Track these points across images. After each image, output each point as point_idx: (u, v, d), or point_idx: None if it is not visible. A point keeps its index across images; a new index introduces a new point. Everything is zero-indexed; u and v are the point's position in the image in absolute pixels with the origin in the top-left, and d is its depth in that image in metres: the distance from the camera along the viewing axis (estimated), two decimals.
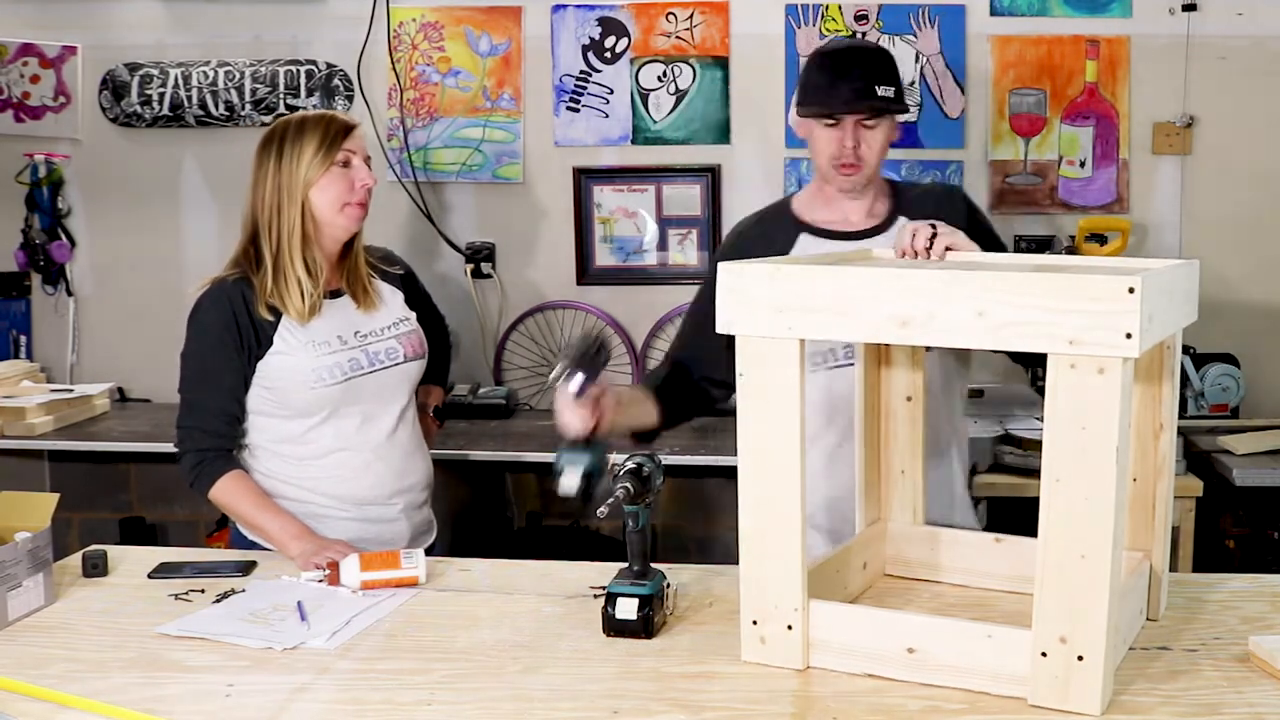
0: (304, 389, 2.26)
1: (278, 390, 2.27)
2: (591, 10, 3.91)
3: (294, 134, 2.29)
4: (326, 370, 2.27)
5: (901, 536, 2.02)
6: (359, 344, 2.32)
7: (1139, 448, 1.79)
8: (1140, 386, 1.77)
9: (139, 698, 1.59)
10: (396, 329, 2.39)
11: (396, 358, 2.36)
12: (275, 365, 2.26)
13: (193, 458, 2.28)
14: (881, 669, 1.62)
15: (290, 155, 2.27)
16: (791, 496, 1.62)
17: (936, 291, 1.50)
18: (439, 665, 1.70)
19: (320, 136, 2.28)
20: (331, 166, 2.27)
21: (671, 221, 3.96)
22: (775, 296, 1.59)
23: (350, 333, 2.32)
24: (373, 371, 2.32)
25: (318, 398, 2.27)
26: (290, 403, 2.28)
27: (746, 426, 1.64)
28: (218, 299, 2.28)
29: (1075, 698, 1.49)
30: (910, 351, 1.97)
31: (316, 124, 2.30)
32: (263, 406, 2.30)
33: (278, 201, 2.27)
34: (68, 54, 4.10)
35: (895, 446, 2.01)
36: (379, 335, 2.36)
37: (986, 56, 3.81)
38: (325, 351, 2.28)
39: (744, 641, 1.69)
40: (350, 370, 2.29)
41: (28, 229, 4.13)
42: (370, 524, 2.33)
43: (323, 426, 2.30)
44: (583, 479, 1.82)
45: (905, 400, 1.99)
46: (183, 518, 4.18)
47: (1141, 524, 1.81)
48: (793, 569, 1.64)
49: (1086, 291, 1.41)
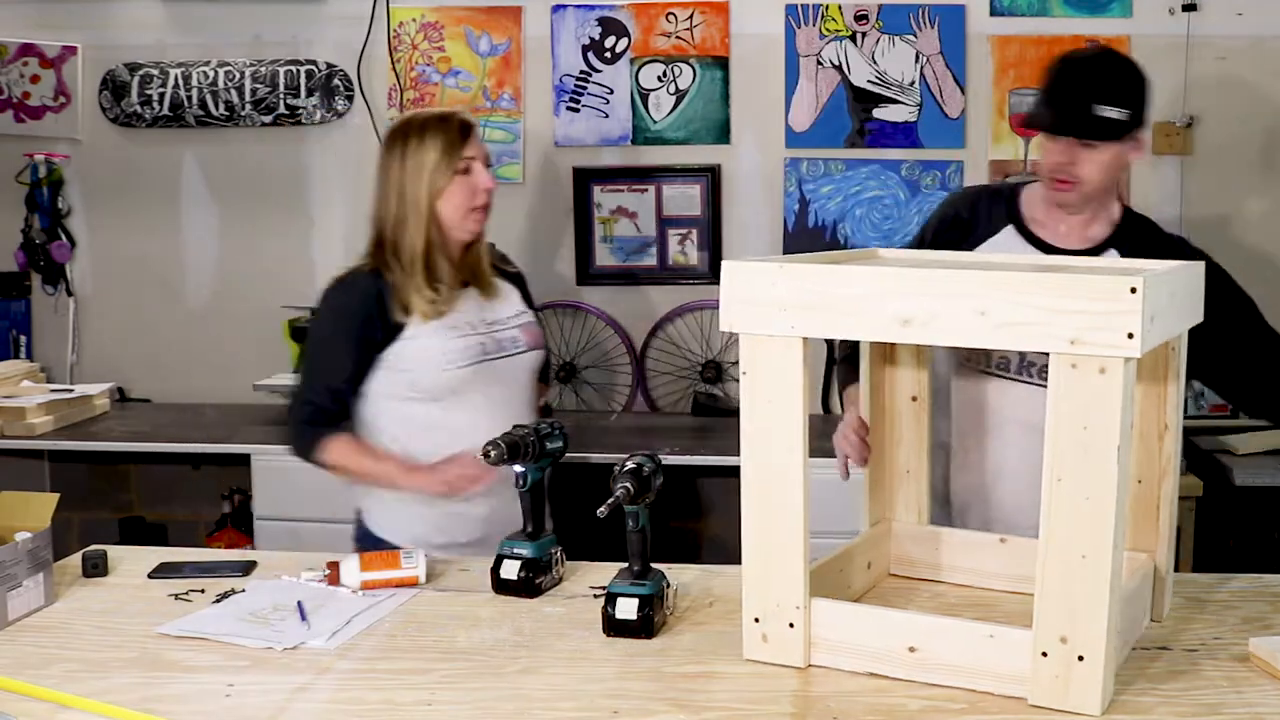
0: (436, 370, 2.30)
1: (410, 373, 2.31)
2: (591, 10, 3.91)
3: (415, 142, 2.32)
4: (458, 353, 2.31)
5: (906, 536, 2.02)
6: (486, 330, 2.38)
7: (1143, 449, 1.79)
8: (1145, 387, 1.76)
9: (139, 698, 1.59)
10: (518, 320, 2.46)
11: (520, 346, 2.42)
12: (408, 349, 2.30)
13: (297, 429, 2.34)
14: (883, 668, 1.62)
15: (413, 167, 2.31)
16: (794, 495, 1.63)
17: (938, 291, 1.50)
18: (439, 665, 1.70)
19: (441, 146, 2.31)
20: (454, 177, 2.31)
21: (671, 221, 3.96)
22: (778, 295, 1.59)
23: (478, 319, 2.38)
24: (500, 357, 2.38)
25: (449, 379, 2.31)
26: (421, 384, 2.31)
27: (749, 425, 1.64)
28: (349, 289, 2.34)
29: (1075, 698, 1.48)
30: (916, 351, 1.97)
31: (437, 130, 2.32)
32: (393, 390, 2.33)
33: (403, 213, 2.32)
34: (68, 54, 4.10)
35: (901, 447, 2.01)
36: (503, 324, 2.42)
37: (986, 56, 3.81)
38: (456, 335, 2.32)
39: (746, 639, 1.69)
40: (480, 354, 2.34)
41: (28, 229, 4.13)
42: (498, 509, 2.32)
43: (452, 412, 2.32)
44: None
45: (910, 400, 1.99)
46: (183, 518, 4.18)
47: (1146, 525, 1.80)
48: (794, 567, 1.64)
49: (1088, 291, 1.41)
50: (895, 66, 3.82)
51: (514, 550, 1.99)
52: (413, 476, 2.28)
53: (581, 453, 3.25)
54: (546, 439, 2.04)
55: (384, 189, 2.34)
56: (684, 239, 3.96)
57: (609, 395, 4.04)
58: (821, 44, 3.83)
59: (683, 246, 3.97)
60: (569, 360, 4.01)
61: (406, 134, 2.33)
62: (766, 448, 1.63)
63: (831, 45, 3.83)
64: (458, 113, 2.38)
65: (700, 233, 3.95)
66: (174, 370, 4.18)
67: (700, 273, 3.96)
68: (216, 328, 4.17)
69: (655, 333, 3.98)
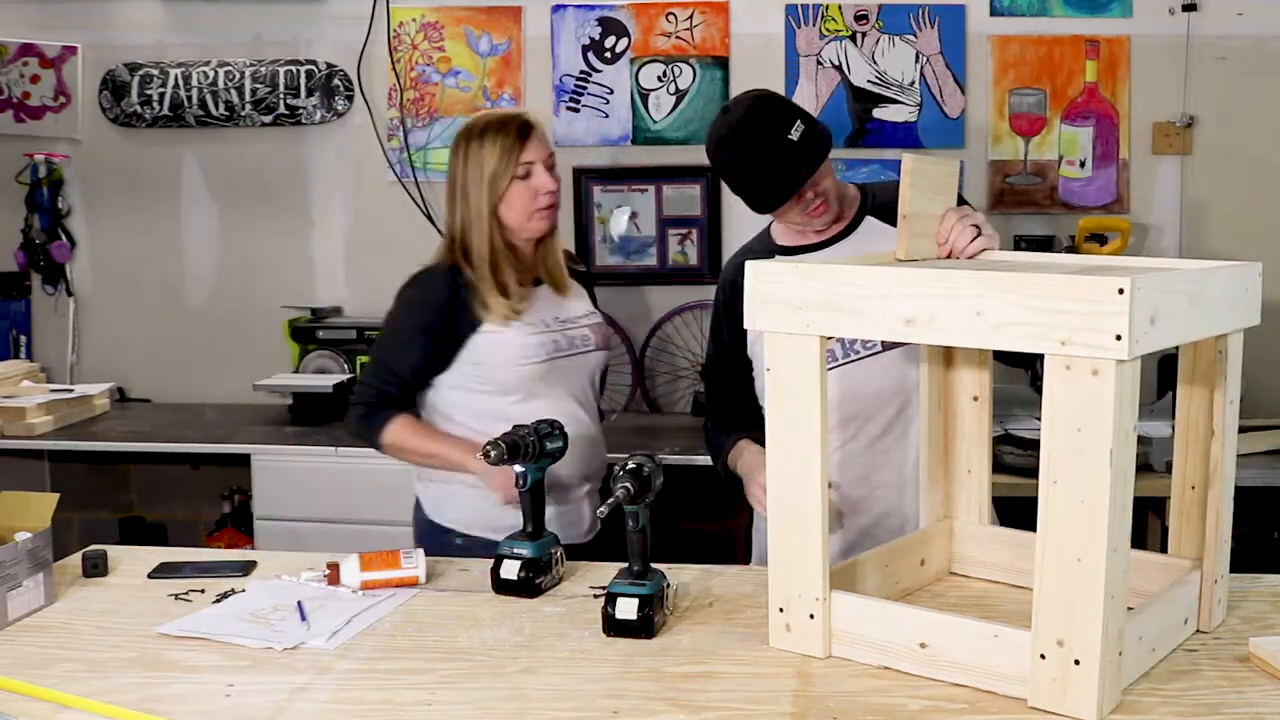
0: (511, 365, 2.34)
1: (486, 366, 2.35)
2: (591, 10, 3.91)
3: (476, 146, 2.36)
4: (533, 349, 2.35)
5: (967, 535, 2.02)
6: (559, 328, 2.42)
7: (1193, 453, 1.77)
8: (1193, 390, 1.75)
9: (139, 698, 1.59)
10: (588, 319, 2.50)
11: (589, 345, 2.47)
12: (485, 342, 2.35)
13: (360, 409, 2.39)
14: (895, 662, 1.63)
15: (474, 172, 2.35)
16: (813, 489, 1.65)
17: (939, 291, 1.51)
18: (439, 665, 1.70)
19: (500, 151, 2.34)
20: (514, 181, 2.34)
21: (671, 221, 3.96)
22: (795, 294, 1.62)
23: (551, 317, 2.42)
24: (571, 355, 2.42)
25: (523, 374, 2.35)
26: (496, 378, 2.35)
27: (774, 420, 1.67)
28: (431, 283, 2.38)
29: (1072, 701, 1.48)
30: (978, 351, 1.97)
31: (496, 135, 2.35)
32: (468, 382, 2.38)
33: (468, 218, 2.37)
34: (68, 54, 4.10)
35: (962, 445, 2.01)
36: (575, 323, 2.46)
37: (986, 56, 3.81)
38: (531, 331, 2.36)
39: (771, 628, 1.72)
40: (554, 350, 2.38)
41: (28, 229, 4.13)
42: (560, 506, 2.39)
43: (520, 405, 2.34)
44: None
45: (972, 400, 1.99)
46: (183, 517, 4.18)
47: (1192, 531, 1.78)
48: (814, 560, 1.66)
49: (1076, 292, 1.41)
50: (895, 66, 3.82)
51: (514, 550, 1.99)
52: (471, 461, 2.26)
53: None
54: (546, 439, 2.04)
55: (450, 193, 2.40)
56: (684, 239, 3.96)
57: (609, 395, 4.03)
58: (821, 44, 3.83)
59: (683, 246, 3.97)
60: None
61: (469, 138, 2.38)
62: (789, 442, 1.66)
63: (831, 45, 3.83)
64: (519, 115, 2.41)
65: (700, 233, 3.95)
66: (174, 370, 4.18)
67: (700, 273, 3.96)
68: (216, 328, 4.17)
69: (655, 333, 3.98)
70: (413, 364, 2.38)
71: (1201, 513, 1.77)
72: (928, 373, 1.98)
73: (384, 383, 2.39)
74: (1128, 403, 1.44)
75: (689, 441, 3.44)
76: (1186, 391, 1.76)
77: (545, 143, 2.41)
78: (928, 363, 1.99)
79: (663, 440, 3.50)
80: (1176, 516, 1.79)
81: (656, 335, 3.98)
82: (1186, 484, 1.78)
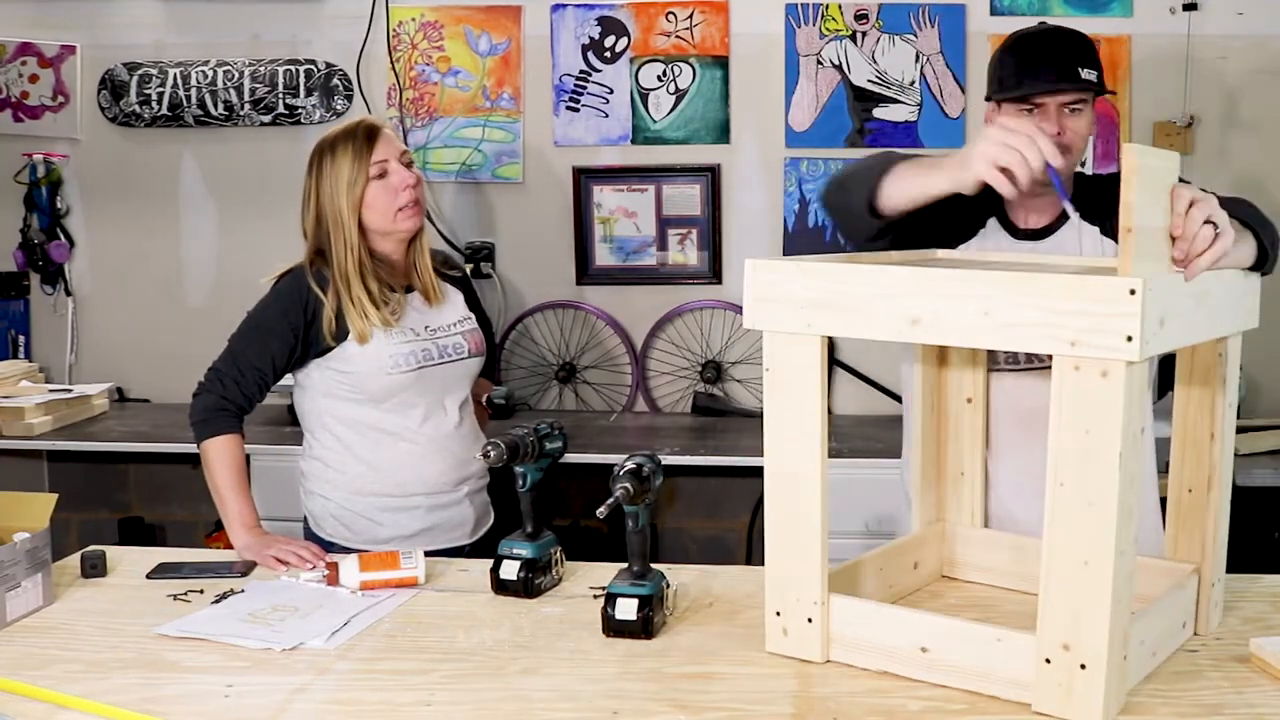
0: (380, 374, 2.34)
1: (354, 375, 2.35)
2: (591, 10, 3.91)
3: (329, 160, 2.36)
4: (403, 357, 2.35)
5: (960, 538, 2.02)
6: (429, 337, 2.41)
7: (1191, 456, 1.76)
8: (1193, 392, 1.74)
9: (138, 698, 1.58)
10: (461, 326, 2.49)
11: (462, 352, 2.46)
12: (354, 351, 2.33)
13: (207, 400, 2.36)
14: (896, 666, 1.62)
15: (330, 184, 2.35)
16: (812, 492, 1.63)
17: (944, 291, 1.49)
18: (439, 665, 1.70)
19: (350, 157, 2.34)
20: (369, 183, 2.34)
21: (671, 221, 3.96)
22: (797, 293, 1.60)
23: (421, 326, 2.41)
24: (442, 363, 2.41)
25: (392, 383, 2.35)
26: (365, 387, 2.35)
27: (772, 421, 1.66)
28: (300, 284, 2.36)
29: (1077, 707, 1.47)
30: (972, 353, 1.95)
31: (345, 143, 2.36)
32: (338, 390, 2.37)
33: (332, 234, 2.36)
34: (66, 53, 4.10)
35: (956, 447, 2.00)
36: (446, 330, 2.45)
37: (987, 56, 3.79)
38: (401, 340, 2.36)
39: (768, 632, 1.70)
40: (423, 359, 2.38)
41: (26, 229, 4.12)
42: (439, 510, 2.42)
43: (394, 415, 2.37)
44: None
45: (966, 402, 1.98)
46: (182, 518, 4.18)
47: (1191, 535, 1.77)
48: (813, 563, 1.65)
49: (1087, 293, 1.39)
50: (895, 66, 3.81)
51: (513, 550, 1.99)
52: (239, 536, 2.24)
53: (581, 453, 3.24)
54: (546, 439, 2.04)
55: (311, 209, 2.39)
56: (684, 239, 3.96)
57: (609, 395, 4.03)
58: (821, 43, 3.83)
59: (683, 246, 3.97)
60: (569, 360, 4.01)
61: (320, 154, 2.38)
62: (787, 443, 1.65)
63: (831, 45, 3.83)
64: (362, 120, 2.42)
65: (700, 233, 3.95)
66: (173, 370, 4.15)
67: (700, 273, 3.95)
68: (216, 328, 4.12)
69: (655, 333, 3.98)
70: (271, 355, 2.34)
71: (1199, 516, 1.76)
72: (920, 374, 1.97)
73: (236, 372, 2.35)
74: (1137, 404, 1.43)
75: (689, 441, 3.44)
76: (1184, 394, 1.76)
77: (396, 142, 2.41)
78: (921, 364, 1.97)
79: (663, 440, 3.49)
80: (1174, 520, 1.79)
81: (657, 335, 3.98)
82: (1184, 487, 1.77)
